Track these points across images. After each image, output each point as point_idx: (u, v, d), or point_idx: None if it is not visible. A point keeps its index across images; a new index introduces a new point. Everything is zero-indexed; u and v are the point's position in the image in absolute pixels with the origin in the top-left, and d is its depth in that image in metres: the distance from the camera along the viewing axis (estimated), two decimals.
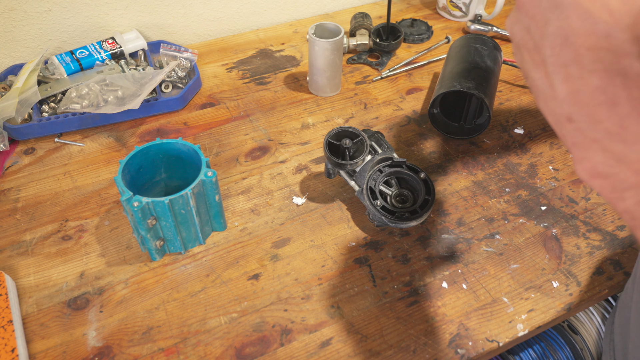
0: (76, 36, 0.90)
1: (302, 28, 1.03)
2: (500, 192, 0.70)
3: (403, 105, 0.84)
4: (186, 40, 0.99)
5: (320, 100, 0.85)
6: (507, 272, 0.61)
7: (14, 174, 0.72)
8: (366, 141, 0.64)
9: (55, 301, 0.57)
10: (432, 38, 1.00)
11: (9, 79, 0.82)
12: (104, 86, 0.79)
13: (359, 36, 0.94)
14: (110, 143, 0.77)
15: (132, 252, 0.62)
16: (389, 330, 0.55)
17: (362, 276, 0.60)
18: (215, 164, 0.74)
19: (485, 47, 0.80)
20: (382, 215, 0.61)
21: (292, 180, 0.71)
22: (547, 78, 0.29)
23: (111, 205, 0.68)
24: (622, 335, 0.56)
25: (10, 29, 0.84)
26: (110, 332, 0.55)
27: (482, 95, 0.71)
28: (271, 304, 0.57)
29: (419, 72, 0.91)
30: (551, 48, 0.28)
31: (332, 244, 0.63)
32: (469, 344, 0.54)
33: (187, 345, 0.54)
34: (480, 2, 1.01)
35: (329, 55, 0.79)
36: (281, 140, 0.77)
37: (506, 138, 0.78)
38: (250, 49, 0.96)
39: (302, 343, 0.54)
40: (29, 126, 0.75)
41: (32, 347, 0.53)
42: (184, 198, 0.55)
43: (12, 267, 0.60)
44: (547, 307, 0.57)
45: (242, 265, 0.61)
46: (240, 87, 0.87)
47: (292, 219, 0.66)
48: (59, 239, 0.63)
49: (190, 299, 0.58)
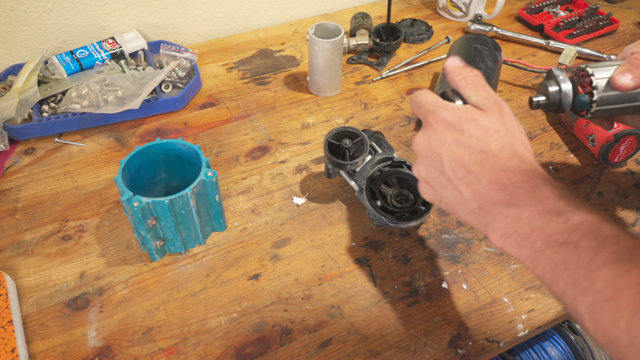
0: (76, 36, 0.90)
1: (302, 28, 1.03)
2: None
3: (403, 105, 0.84)
4: (186, 40, 0.99)
5: (320, 100, 0.85)
6: (507, 272, 0.61)
7: (14, 174, 0.72)
8: (366, 141, 0.64)
9: (55, 301, 0.57)
10: (432, 38, 1.00)
11: (9, 79, 0.82)
12: (104, 86, 0.79)
13: (359, 36, 0.94)
14: (110, 143, 0.77)
15: (132, 252, 0.62)
16: (389, 330, 0.55)
17: (362, 276, 0.60)
18: (215, 164, 0.74)
19: (485, 47, 0.80)
20: (382, 215, 0.61)
21: (292, 180, 0.71)
22: (455, 190, 0.43)
23: (111, 205, 0.68)
24: None
25: (10, 29, 0.84)
26: (110, 332, 0.55)
27: None
28: (271, 304, 0.57)
29: (419, 72, 0.91)
30: (451, 170, 0.43)
31: (332, 244, 0.63)
32: (469, 344, 0.54)
33: (187, 345, 0.54)
34: (480, 2, 1.01)
35: (329, 55, 0.79)
36: (281, 140, 0.77)
37: None
38: (250, 49, 0.96)
39: (302, 343, 0.54)
40: (29, 126, 0.75)
41: (32, 347, 0.53)
42: (184, 198, 0.55)
43: (12, 267, 0.60)
44: (547, 307, 0.57)
45: (242, 266, 0.61)
46: (240, 87, 0.87)
47: (292, 219, 0.66)
48: (59, 239, 0.63)
49: (191, 299, 0.58)
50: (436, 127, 0.44)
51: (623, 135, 0.68)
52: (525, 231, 0.38)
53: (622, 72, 0.50)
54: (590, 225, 0.36)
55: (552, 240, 0.37)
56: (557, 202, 0.38)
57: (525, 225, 0.38)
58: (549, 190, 0.39)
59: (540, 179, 0.40)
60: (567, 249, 0.36)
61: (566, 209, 0.37)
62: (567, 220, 0.37)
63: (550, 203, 0.38)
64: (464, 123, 0.43)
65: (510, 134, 0.43)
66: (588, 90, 0.51)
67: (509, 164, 0.41)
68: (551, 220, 0.37)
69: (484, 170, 0.41)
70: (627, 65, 0.50)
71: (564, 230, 0.36)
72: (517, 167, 0.41)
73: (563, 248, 0.36)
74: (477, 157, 0.42)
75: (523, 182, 0.40)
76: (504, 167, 0.41)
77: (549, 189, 0.39)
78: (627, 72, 0.50)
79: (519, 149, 0.42)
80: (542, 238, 0.37)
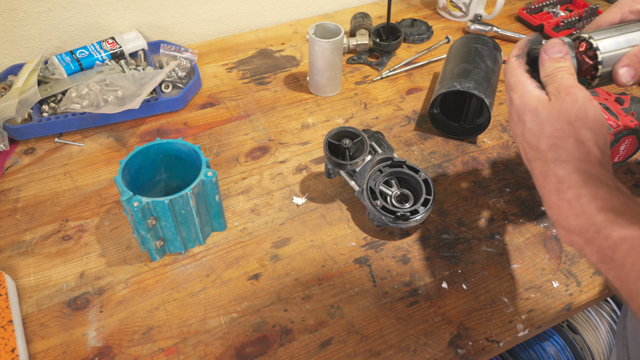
0: (76, 36, 0.90)
1: (302, 28, 1.03)
2: (500, 192, 0.70)
3: (403, 105, 0.84)
4: (186, 40, 0.99)
5: (320, 100, 0.85)
6: (507, 272, 0.61)
7: (14, 174, 0.72)
8: (366, 141, 0.64)
9: (55, 301, 0.57)
10: (432, 38, 1.00)
11: (9, 79, 0.82)
12: (104, 86, 0.79)
13: (359, 36, 0.94)
14: (110, 143, 0.77)
15: (132, 252, 0.62)
16: (389, 330, 0.55)
17: (362, 276, 0.60)
18: (215, 164, 0.74)
19: (485, 47, 0.80)
20: (382, 215, 0.61)
21: (292, 180, 0.71)
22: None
23: (111, 205, 0.68)
24: (636, 340, 0.56)
25: (10, 29, 0.84)
26: (110, 332, 0.55)
27: (482, 95, 0.71)
28: (271, 304, 0.57)
29: (419, 72, 0.91)
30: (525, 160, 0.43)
31: (332, 244, 0.63)
32: (469, 344, 0.54)
33: (187, 345, 0.54)
34: (480, 2, 1.01)
35: (329, 55, 0.79)
36: (281, 140, 0.77)
37: (506, 138, 0.78)
38: (250, 49, 0.96)
39: (302, 343, 0.54)
40: (29, 126, 0.75)
41: (32, 347, 0.53)
42: (184, 198, 0.55)
43: (12, 267, 0.60)
44: (547, 307, 0.57)
45: (242, 265, 0.61)
46: (240, 87, 0.87)
47: (292, 219, 0.66)
48: (59, 239, 0.63)
49: (190, 299, 0.58)
50: (513, 116, 0.45)
51: (623, 135, 0.68)
52: (580, 243, 0.38)
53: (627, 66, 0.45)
54: (632, 242, 0.35)
55: (604, 255, 0.37)
56: (596, 216, 0.37)
57: (577, 237, 0.38)
58: (587, 202, 0.38)
59: (580, 187, 0.38)
60: (616, 266, 0.36)
61: (605, 224, 0.37)
62: (607, 237, 0.36)
63: (589, 217, 0.37)
64: (527, 114, 0.42)
65: (567, 130, 0.40)
66: (591, 65, 0.46)
67: (552, 169, 0.40)
68: (596, 236, 0.37)
69: (535, 172, 0.42)
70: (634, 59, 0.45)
71: (609, 247, 0.36)
72: (557, 173, 0.40)
73: (613, 265, 0.36)
74: (532, 154, 0.42)
75: (562, 191, 0.39)
76: (548, 171, 0.40)
77: (588, 201, 0.38)
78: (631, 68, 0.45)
79: (568, 148, 0.40)
80: (595, 252, 0.37)
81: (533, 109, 0.42)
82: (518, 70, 0.45)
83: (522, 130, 0.43)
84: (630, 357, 0.58)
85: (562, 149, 0.40)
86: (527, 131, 0.42)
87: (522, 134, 0.43)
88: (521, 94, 0.43)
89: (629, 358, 0.58)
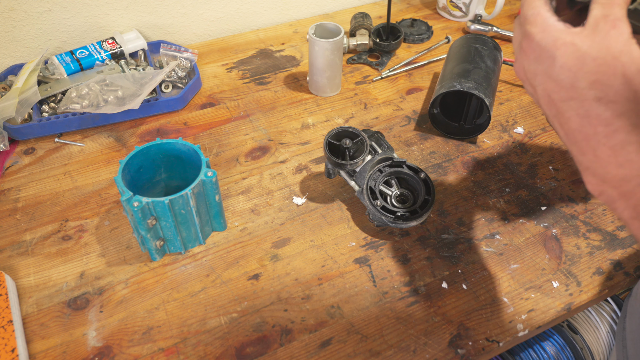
0: (76, 36, 0.90)
1: (302, 28, 1.03)
2: (500, 192, 0.70)
3: (403, 105, 0.84)
4: (186, 40, 0.99)
5: (320, 100, 0.85)
6: (507, 272, 0.61)
7: (14, 174, 0.72)
8: (366, 141, 0.64)
9: (55, 301, 0.57)
10: (432, 38, 1.00)
11: (9, 79, 0.82)
12: (104, 86, 0.79)
13: (359, 36, 0.94)
14: (110, 143, 0.77)
15: (132, 252, 0.62)
16: (389, 330, 0.55)
17: (362, 276, 0.60)
18: (215, 164, 0.74)
19: (485, 47, 0.80)
20: (382, 215, 0.61)
21: (292, 180, 0.71)
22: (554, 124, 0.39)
23: (111, 205, 0.68)
24: (634, 341, 0.56)
25: (10, 29, 0.84)
26: (110, 332, 0.55)
27: (482, 95, 0.71)
28: (271, 304, 0.57)
29: (419, 72, 0.91)
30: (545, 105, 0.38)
31: (332, 244, 0.63)
32: (469, 344, 0.54)
33: (187, 345, 0.54)
34: (480, 2, 1.01)
35: (329, 55, 0.80)
36: (281, 140, 0.78)
37: (506, 138, 0.78)
38: (250, 49, 0.96)
39: (302, 343, 0.54)
40: (29, 126, 0.75)
41: (32, 347, 0.53)
42: (184, 198, 0.55)
43: (12, 267, 0.60)
44: (547, 307, 0.57)
45: (242, 265, 0.61)
46: (240, 87, 0.87)
47: (292, 219, 0.66)
48: (59, 239, 0.63)
49: (190, 299, 0.58)
50: (529, 54, 0.39)
51: None
52: (613, 195, 0.35)
53: None
54: None
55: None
56: None
57: (612, 188, 0.35)
58: (635, 151, 0.33)
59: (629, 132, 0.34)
60: None
61: None
62: None
63: (635, 168, 0.33)
64: (559, 48, 0.36)
65: (614, 65, 0.34)
66: None
67: (594, 110, 0.35)
68: (637, 190, 0.33)
69: (569, 114, 0.36)
70: None
71: None
72: (601, 115, 0.35)
73: None
74: (566, 94, 0.36)
75: (606, 136, 0.34)
76: (588, 112, 0.35)
77: (637, 149, 0.33)
78: None
79: (615, 85, 0.34)
80: (631, 207, 0.34)
81: (568, 42, 0.36)
82: (537, 2, 0.39)
83: (550, 66, 0.37)
84: (628, 357, 0.58)
85: (609, 87, 0.34)
86: (557, 67, 0.36)
87: (549, 71, 0.37)
88: (543, 27, 0.38)
89: (628, 358, 0.58)
